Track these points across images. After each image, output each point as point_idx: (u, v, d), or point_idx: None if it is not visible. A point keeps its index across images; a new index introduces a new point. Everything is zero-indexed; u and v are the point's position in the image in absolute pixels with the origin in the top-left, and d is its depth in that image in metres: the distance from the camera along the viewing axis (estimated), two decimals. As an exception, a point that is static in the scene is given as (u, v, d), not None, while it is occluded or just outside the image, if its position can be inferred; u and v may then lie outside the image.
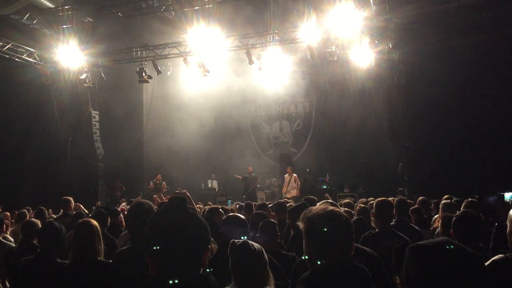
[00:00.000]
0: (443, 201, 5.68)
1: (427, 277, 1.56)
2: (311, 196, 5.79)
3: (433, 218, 6.37)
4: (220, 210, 5.07)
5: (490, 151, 13.15)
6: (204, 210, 6.00)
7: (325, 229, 2.05)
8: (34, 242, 4.49)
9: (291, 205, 5.95)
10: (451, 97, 13.44)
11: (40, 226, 4.79)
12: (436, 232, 5.21)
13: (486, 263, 2.52)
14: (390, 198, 8.29)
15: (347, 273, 2.04)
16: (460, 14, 12.93)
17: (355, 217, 5.63)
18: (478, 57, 13.18)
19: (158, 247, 1.62)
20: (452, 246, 1.60)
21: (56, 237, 3.82)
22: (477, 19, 12.93)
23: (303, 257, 2.17)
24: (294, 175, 15.31)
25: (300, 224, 2.18)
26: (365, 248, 3.47)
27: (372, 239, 4.00)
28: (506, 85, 13.12)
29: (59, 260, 3.77)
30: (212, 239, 3.31)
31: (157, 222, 1.68)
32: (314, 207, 2.22)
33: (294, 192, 14.67)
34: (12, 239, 5.96)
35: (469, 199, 6.00)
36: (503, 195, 9.13)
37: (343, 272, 2.03)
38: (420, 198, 7.58)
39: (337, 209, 2.19)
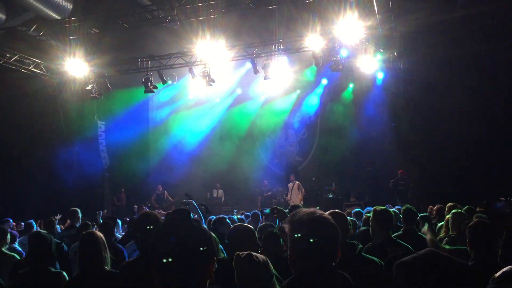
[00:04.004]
0: (453, 211, 5.61)
1: None
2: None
3: (437, 226, 6.30)
4: (227, 220, 5.04)
5: (496, 158, 13.11)
6: (210, 220, 5.98)
7: (309, 233, 1.97)
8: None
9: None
10: (456, 105, 13.41)
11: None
12: (443, 242, 5.15)
13: (497, 274, 2.48)
14: (396, 207, 8.26)
15: (329, 281, 1.97)
16: (464, 23, 12.93)
17: (362, 228, 5.60)
18: (483, 65, 13.17)
19: (163, 260, 1.61)
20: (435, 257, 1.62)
21: (45, 246, 3.85)
22: (482, 28, 12.93)
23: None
24: (297, 182, 15.25)
25: (286, 227, 2.13)
26: (374, 258, 3.44)
27: (375, 250, 3.97)
28: (512, 92, 13.09)
29: (53, 269, 3.82)
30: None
31: (161, 235, 1.68)
32: (302, 210, 2.13)
33: (298, 200, 14.63)
34: (21, 250, 5.99)
35: (478, 208, 5.94)
36: (511, 200, 9.04)
37: (325, 279, 1.96)
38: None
39: (324, 214, 2.10)
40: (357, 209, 7.96)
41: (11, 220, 9.34)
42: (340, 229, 2.14)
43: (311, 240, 1.97)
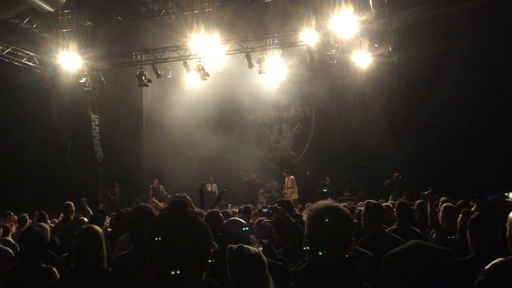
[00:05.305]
0: (445, 204, 5.62)
1: (400, 284, 1.65)
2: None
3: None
4: (220, 214, 5.05)
5: (491, 153, 13.17)
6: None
7: (326, 220, 2.06)
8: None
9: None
10: (451, 100, 13.45)
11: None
12: (433, 236, 5.17)
13: (486, 267, 2.50)
14: (390, 201, 8.30)
15: (341, 269, 2.01)
16: (459, 18, 12.95)
17: (354, 221, 5.63)
18: (477, 60, 13.19)
19: (159, 252, 1.62)
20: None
21: (38, 242, 3.82)
22: (476, 23, 12.95)
23: (304, 248, 2.16)
24: (291, 177, 15.27)
25: (304, 215, 2.19)
26: (366, 251, 3.46)
27: (368, 244, 3.98)
28: (506, 87, 13.13)
29: (43, 265, 3.77)
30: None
31: (158, 227, 1.68)
32: (321, 201, 2.24)
33: (294, 196, 14.66)
34: (14, 243, 5.96)
35: (471, 202, 5.94)
36: (504, 194, 9.09)
37: (337, 267, 2.00)
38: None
39: (340, 205, 2.20)
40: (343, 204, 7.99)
41: (12, 213, 9.30)
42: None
43: (326, 229, 2.04)
